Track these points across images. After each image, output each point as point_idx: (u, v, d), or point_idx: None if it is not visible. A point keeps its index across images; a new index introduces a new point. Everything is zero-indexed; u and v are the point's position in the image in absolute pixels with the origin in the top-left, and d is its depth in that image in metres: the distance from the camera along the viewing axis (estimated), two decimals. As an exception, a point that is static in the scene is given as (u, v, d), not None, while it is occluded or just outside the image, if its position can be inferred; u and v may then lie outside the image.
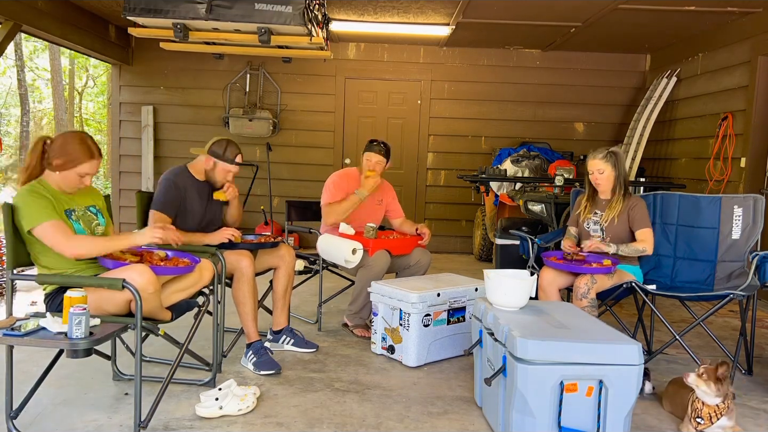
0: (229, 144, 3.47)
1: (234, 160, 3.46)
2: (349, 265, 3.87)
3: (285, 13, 4.71)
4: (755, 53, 5.33)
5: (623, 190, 3.61)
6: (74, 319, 2.25)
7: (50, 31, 5.75)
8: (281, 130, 7.57)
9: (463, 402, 2.99)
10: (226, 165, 3.46)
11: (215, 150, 3.44)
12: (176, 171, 3.48)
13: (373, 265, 3.81)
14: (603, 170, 3.58)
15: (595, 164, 3.59)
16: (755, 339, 3.55)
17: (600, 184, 3.62)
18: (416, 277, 3.96)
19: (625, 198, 3.60)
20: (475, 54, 7.54)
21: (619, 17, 5.73)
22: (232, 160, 3.46)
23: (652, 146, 7.00)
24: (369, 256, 3.84)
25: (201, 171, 3.51)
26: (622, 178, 3.60)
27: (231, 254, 3.31)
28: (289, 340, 3.66)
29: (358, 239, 3.91)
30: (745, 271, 3.41)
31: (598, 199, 3.70)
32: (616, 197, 3.61)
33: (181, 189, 3.40)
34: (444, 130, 7.65)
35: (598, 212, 3.67)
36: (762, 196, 3.51)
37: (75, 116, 17.42)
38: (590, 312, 3.24)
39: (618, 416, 2.37)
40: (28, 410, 2.65)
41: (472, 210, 7.60)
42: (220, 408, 2.71)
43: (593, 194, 3.72)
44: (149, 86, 7.55)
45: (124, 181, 7.69)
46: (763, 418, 2.92)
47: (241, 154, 3.53)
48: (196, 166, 3.53)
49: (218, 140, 3.48)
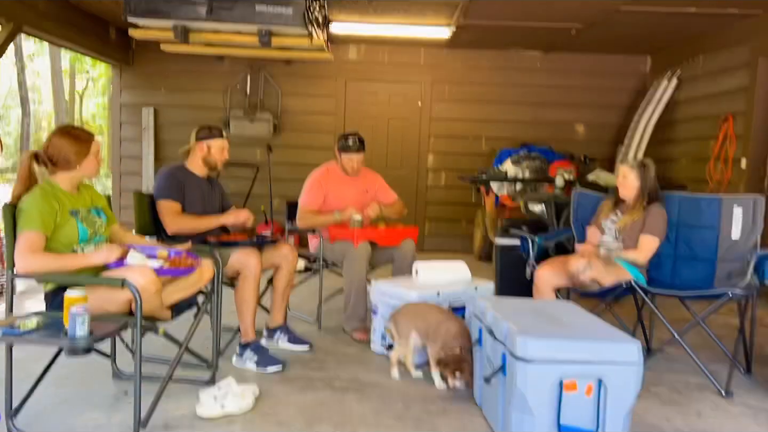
0: (211, 126, 3.65)
1: (222, 134, 3.61)
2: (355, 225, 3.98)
3: (285, 15, 4.72)
4: (756, 55, 5.34)
5: (646, 201, 3.63)
6: (75, 318, 2.25)
7: (51, 33, 5.77)
8: (282, 131, 7.58)
9: (463, 401, 2.98)
10: (218, 141, 3.59)
11: (202, 135, 3.59)
12: (173, 165, 3.61)
13: (355, 256, 3.85)
14: (627, 176, 3.66)
15: (622, 169, 3.71)
16: (754, 338, 3.54)
17: (623, 189, 3.69)
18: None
19: (647, 207, 3.62)
20: (475, 56, 7.55)
21: (620, 19, 5.74)
22: (221, 134, 3.61)
23: (652, 148, 6.99)
24: (354, 248, 3.86)
25: (197, 166, 3.59)
26: (647, 190, 3.64)
27: (239, 253, 3.31)
28: (283, 338, 3.68)
29: (344, 231, 3.96)
30: (745, 270, 3.41)
31: (622, 204, 3.76)
32: (638, 206, 3.64)
33: (180, 179, 3.49)
34: (445, 132, 7.66)
35: (618, 214, 3.71)
36: (762, 196, 3.51)
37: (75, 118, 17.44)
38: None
39: (617, 415, 2.37)
40: (28, 409, 2.64)
41: (473, 210, 7.59)
42: (222, 407, 2.71)
43: (620, 199, 3.77)
44: (150, 88, 7.56)
45: (124, 183, 7.70)
46: (762, 417, 2.92)
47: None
48: (191, 162, 3.60)
49: (199, 128, 3.63)
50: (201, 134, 3.58)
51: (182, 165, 3.60)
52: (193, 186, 3.53)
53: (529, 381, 2.34)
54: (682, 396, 3.16)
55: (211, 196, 3.65)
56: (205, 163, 3.59)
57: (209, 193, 3.64)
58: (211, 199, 3.64)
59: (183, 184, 3.48)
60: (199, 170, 3.60)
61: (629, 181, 3.66)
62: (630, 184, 3.66)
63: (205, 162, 3.59)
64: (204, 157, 3.57)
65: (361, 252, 3.86)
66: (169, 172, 3.50)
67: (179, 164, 3.61)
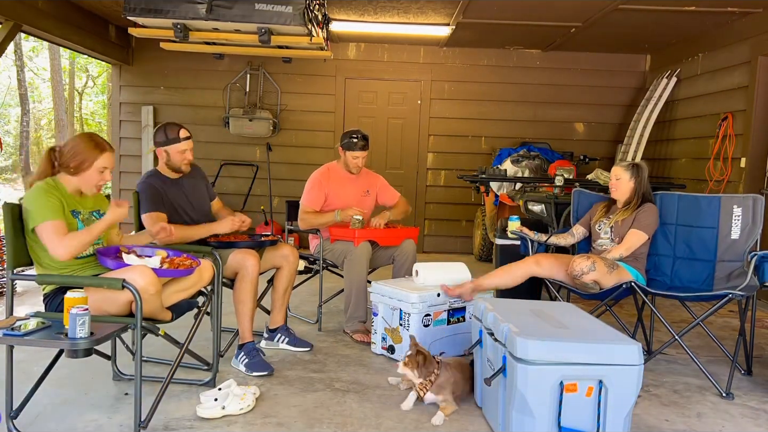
0: (167, 126, 3.39)
1: (179, 136, 3.37)
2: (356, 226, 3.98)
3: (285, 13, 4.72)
4: (755, 53, 5.34)
5: (639, 202, 3.67)
6: (76, 319, 2.25)
7: (50, 31, 5.75)
8: (281, 130, 7.57)
9: (463, 402, 2.98)
10: (175, 146, 3.38)
11: (158, 140, 3.39)
12: (148, 173, 3.46)
13: (356, 256, 3.85)
14: (620, 177, 3.70)
15: (615, 170, 3.75)
16: (754, 339, 3.55)
17: (615, 190, 3.72)
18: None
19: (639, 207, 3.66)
20: (475, 54, 7.54)
21: (620, 17, 5.73)
22: (177, 136, 3.37)
23: (652, 146, 7.00)
24: (355, 248, 3.86)
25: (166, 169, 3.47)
26: (640, 192, 3.69)
27: (237, 253, 3.30)
28: (284, 339, 3.67)
29: (345, 231, 3.95)
30: (745, 271, 3.41)
31: (615, 207, 3.79)
32: (630, 206, 3.68)
33: (158, 188, 3.37)
34: (444, 131, 7.65)
35: (610, 217, 3.75)
36: (762, 196, 3.51)
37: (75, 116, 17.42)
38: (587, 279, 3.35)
39: (618, 416, 2.37)
40: (28, 410, 2.65)
41: (472, 210, 7.60)
42: (223, 408, 2.72)
43: (614, 202, 3.81)
44: (149, 86, 7.55)
45: (124, 181, 7.69)
46: (763, 419, 2.93)
47: (184, 128, 3.42)
48: (161, 166, 3.48)
49: (156, 130, 3.41)
50: (157, 140, 3.38)
51: (155, 170, 3.48)
52: (174, 189, 3.43)
53: (530, 382, 2.34)
54: (683, 397, 3.16)
55: (195, 190, 3.54)
56: (168, 167, 3.45)
57: (192, 190, 3.53)
58: (195, 194, 3.54)
59: (163, 193, 3.37)
60: (171, 173, 3.47)
61: (622, 183, 3.70)
62: (623, 186, 3.70)
63: (167, 166, 3.44)
64: (165, 162, 3.43)
65: (361, 252, 3.85)
66: (146, 184, 3.36)
67: (153, 170, 3.47)
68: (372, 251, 3.95)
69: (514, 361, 2.37)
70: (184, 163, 3.43)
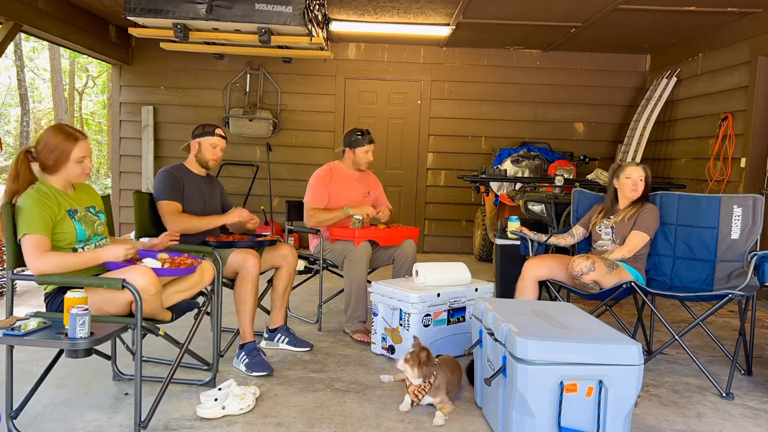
0: (206, 124, 3.63)
1: (215, 132, 3.58)
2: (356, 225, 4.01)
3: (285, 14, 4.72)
4: (755, 53, 5.34)
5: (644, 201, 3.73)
6: (76, 319, 2.25)
7: (50, 31, 5.75)
8: (281, 130, 7.57)
9: (463, 402, 2.99)
10: (209, 138, 3.57)
11: (195, 132, 3.59)
12: (172, 165, 3.60)
13: (356, 256, 3.86)
14: (642, 177, 3.72)
15: (638, 172, 3.72)
16: (754, 339, 3.55)
17: (637, 191, 3.72)
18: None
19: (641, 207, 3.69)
20: (475, 54, 7.54)
21: (619, 17, 5.73)
22: (213, 132, 3.57)
23: (652, 146, 7.00)
24: (355, 248, 3.86)
25: (194, 164, 3.61)
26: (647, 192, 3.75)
27: (238, 253, 3.31)
28: (284, 339, 3.67)
29: (345, 231, 3.97)
30: (745, 271, 3.41)
31: (616, 207, 3.79)
32: (636, 205, 3.70)
33: (178, 178, 3.49)
34: (444, 131, 7.65)
35: (611, 217, 3.75)
36: (762, 196, 3.51)
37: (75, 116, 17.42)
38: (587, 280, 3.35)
39: (618, 416, 2.37)
40: (28, 410, 2.65)
41: (472, 210, 7.60)
42: (223, 408, 2.72)
43: (614, 203, 3.81)
44: (149, 86, 7.55)
45: (124, 181, 7.69)
46: (763, 419, 2.93)
47: (221, 129, 3.65)
48: (189, 160, 3.62)
49: (196, 126, 3.63)
50: (195, 131, 3.60)
51: (181, 164, 3.60)
52: (192, 185, 3.54)
53: (530, 382, 2.34)
54: (683, 397, 3.16)
55: (211, 194, 3.64)
56: (197, 160, 3.59)
57: (209, 192, 3.64)
58: (211, 197, 3.64)
59: (182, 184, 3.48)
60: (197, 169, 3.61)
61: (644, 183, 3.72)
62: (640, 187, 3.71)
63: (197, 159, 3.59)
64: (195, 154, 3.58)
65: (361, 252, 3.86)
66: (167, 172, 3.49)
67: (178, 164, 3.61)
68: (372, 251, 3.95)
69: (514, 361, 2.37)
70: (212, 159, 3.59)
